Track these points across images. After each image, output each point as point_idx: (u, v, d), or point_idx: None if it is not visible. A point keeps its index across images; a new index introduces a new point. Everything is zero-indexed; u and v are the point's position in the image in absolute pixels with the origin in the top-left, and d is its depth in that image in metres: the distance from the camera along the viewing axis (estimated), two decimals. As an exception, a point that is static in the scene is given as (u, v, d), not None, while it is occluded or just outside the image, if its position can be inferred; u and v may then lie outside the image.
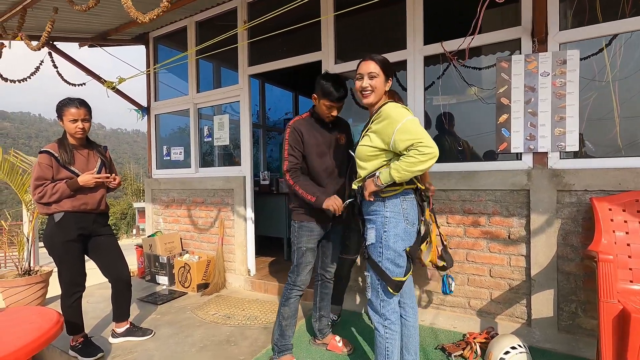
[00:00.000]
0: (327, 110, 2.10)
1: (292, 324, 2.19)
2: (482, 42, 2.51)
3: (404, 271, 1.68)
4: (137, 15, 1.97)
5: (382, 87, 1.72)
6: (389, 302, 1.70)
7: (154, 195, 4.50)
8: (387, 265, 1.66)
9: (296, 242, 2.17)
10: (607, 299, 1.64)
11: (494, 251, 2.48)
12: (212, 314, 3.02)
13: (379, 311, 1.71)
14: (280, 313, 2.18)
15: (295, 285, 2.16)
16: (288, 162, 2.10)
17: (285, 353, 2.17)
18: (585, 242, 2.19)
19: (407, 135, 1.56)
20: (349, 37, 3.21)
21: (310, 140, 2.12)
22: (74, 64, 3.90)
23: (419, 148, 1.52)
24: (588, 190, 2.19)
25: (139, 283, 4.01)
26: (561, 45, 2.31)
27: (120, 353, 2.40)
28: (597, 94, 2.28)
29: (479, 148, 2.70)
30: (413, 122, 1.59)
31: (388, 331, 1.70)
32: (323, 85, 2.06)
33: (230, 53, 3.53)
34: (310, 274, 2.19)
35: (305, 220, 2.15)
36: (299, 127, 2.13)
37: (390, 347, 1.70)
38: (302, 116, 2.22)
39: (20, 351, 1.54)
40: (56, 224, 2.27)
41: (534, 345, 2.30)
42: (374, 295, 1.72)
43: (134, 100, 4.44)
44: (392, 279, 1.65)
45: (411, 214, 1.69)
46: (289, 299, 2.17)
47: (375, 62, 1.71)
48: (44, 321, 1.79)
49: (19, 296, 3.17)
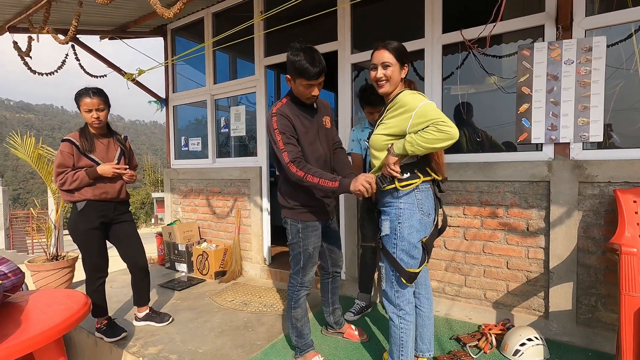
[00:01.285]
0: (306, 90, 1.84)
1: (306, 322, 2.09)
2: (503, 29, 2.45)
3: (419, 262, 1.67)
4: (163, 11, 2.01)
5: (398, 76, 1.68)
6: (403, 293, 1.70)
7: (172, 184, 4.61)
8: (401, 256, 1.65)
9: (302, 244, 1.98)
10: (629, 293, 1.61)
11: (511, 243, 2.45)
12: (229, 301, 3.10)
13: (394, 301, 1.72)
14: (292, 316, 2.05)
15: (302, 286, 2.04)
16: (287, 152, 1.81)
17: (309, 350, 2.08)
18: (607, 235, 2.14)
19: (424, 118, 1.53)
20: (366, 27, 3.18)
21: (298, 127, 1.89)
22: (96, 56, 4.00)
23: (437, 125, 1.49)
24: (612, 182, 2.13)
25: (159, 270, 4.14)
26: (587, 31, 2.23)
27: (143, 335, 2.50)
28: (623, 83, 2.20)
29: (498, 138, 2.65)
30: (430, 105, 1.56)
31: (402, 321, 1.70)
32: (295, 62, 1.77)
33: (246, 44, 3.55)
34: (315, 271, 2.09)
35: (310, 220, 1.98)
36: (285, 113, 1.87)
37: (404, 337, 1.70)
38: (282, 102, 1.94)
39: (51, 330, 1.63)
40: (79, 212, 2.36)
41: (551, 338, 2.28)
42: (389, 286, 1.72)
43: (153, 92, 4.53)
44: (405, 270, 1.64)
45: (426, 205, 1.67)
46: (299, 300, 2.04)
47: (388, 50, 1.66)
48: (73, 303, 1.89)
49: (48, 280, 3.33)
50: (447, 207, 2.64)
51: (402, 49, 1.70)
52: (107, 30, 4.15)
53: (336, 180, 1.74)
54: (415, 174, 1.64)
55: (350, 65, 3.11)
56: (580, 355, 2.10)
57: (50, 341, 1.63)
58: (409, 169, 1.63)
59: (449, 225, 2.65)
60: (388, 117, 1.68)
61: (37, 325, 1.64)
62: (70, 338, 2.67)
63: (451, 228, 2.66)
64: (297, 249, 2.00)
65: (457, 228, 2.64)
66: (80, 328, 2.59)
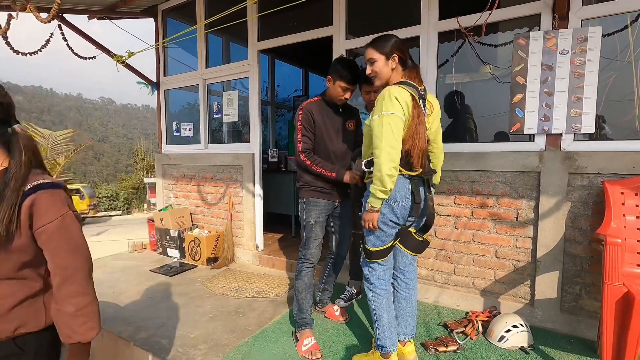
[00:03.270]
0: (342, 92, 2.15)
1: (308, 297, 2.23)
2: (499, 17, 2.42)
3: (383, 244, 1.78)
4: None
5: (386, 69, 1.75)
6: (374, 269, 1.84)
7: (164, 170, 4.56)
8: (367, 234, 1.81)
9: (305, 217, 2.23)
10: (612, 282, 1.65)
11: (500, 232, 2.49)
12: (221, 287, 3.12)
13: (366, 276, 1.88)
14: (295, 288, 2.25)
15: (306, 259, 2.22)
16: (302, 143, 2.15)
17: (305, 327, 2.19)
18: (594, 225, 2.18)
19: (373, 132, 1.65)
20: (361, 12, 3.12)
21: (320, 122, 2.18)
22: (84, 37, 3.89)
23: (374, 162, 1.64)
24: (601, 174, 2.16)
25: (151, 255, 4.14)
26: (583, 21, 2.21)
27: (135, 320, 2.51)
28: (617, 74, 2.20)
29: (491, 128, 2.65)
30: (382, 120, 1.60)
31: (374, 295, 1.83)
32: (340, 67, 2.11)
33: (239, 27, 3.46)
34: (320, 248, 2.25)
35: (313, 197, 2.22)
36: (311, 109, 2.17)
37: (377, 311, 1.82)
38: (314, 99, 2.25)
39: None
40: None
41: (536, 324, 2.33)
42: (364, 263, 1.89)
43: (143, 75, 4.42)
44: (366, 246, 1.81)
45: (393, 191, 1.70)
46: (301, 272, 2.23)
47: (370, 46, 1.76)
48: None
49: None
50: (439, 196, 2.66)
51: (382, 42, 1.73)
52: (95, 10, 4.02)
53: (334, 171, 2.12)
54: None
55: (345, 51, 3.06)
56: (563, 341, 2.16)
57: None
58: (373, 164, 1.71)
59: (440, 214, 2.67)
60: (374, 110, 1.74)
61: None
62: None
63: (442, 217, 2.68)
64: (302, 222, 2.26)
65: (448, 217, 2.66)
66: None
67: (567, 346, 2.11)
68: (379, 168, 1.59)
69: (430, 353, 2.04)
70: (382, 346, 1.80)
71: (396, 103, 1.61)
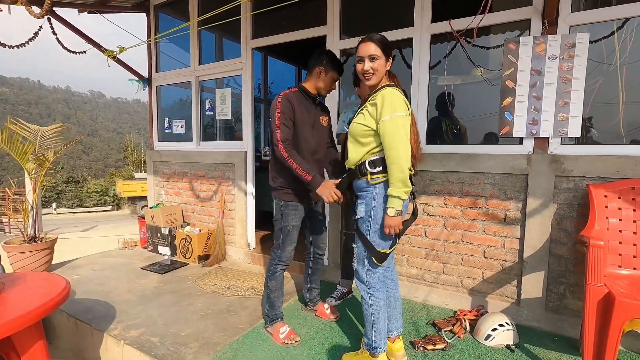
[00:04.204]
0: (331, 83, 2.17)
1: (280, 295, 2.28)
2: (491, 21, 2.45)
3: (390, 245, 1.76)
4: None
5: (384, 69, 1.73)
6: (374, 272, 1.79)
7: (155, 167, 4.53)
8: (374, 238, 1.74)
9: (282, 220, 2.19)
10: (594, 283, 1.70)
11: (489, 233, 2.54)
12: (212, 285, 3.12)
13: (365, 280, 1.81)
14: (268, 287, 2.26)
15: (280, 261, 2.23)
16: (281, 132, 2.02)
17: (277, 321, 2.27)
18: (578, 227, 2.24)
19: (386, 132, 1.61)
20: (355, 13, 3.13)
21: (298, 114, 2.12)
22: (74, 30, 3.82)
23: (391, 163, 1.61)
24: (586, 177, 2.21)
25: (141, 252, 4.11)
26: (571, 27, 2.26)
27: (125, 318, 2.50)
28: (603, 80, 2.26)
29: (481, 130, 2.69)
30: (396, 122, 1.60)
31: (373, 299, 1.79)
32: (331, 59, 2.13)
33: (233, 25, 3.44)
34: (294, 250, 2.27)
35: (292, 200, 2.18)
36: (291, 99, 2.10)
37: (375, 314, 1.79)
38: (292, 89, 2.19)
39: (30, 314, 1.62)
40: None
41: (522, 323, 2.39)
42: (360, 266, 1.82)
43: (135, 71, 4.37)
44: (377, 250, 1.73)
45: None
46: (275, 273, 2.24)
47: (375, 43, 1.69)
48: (52, 286, 1.87)
49: (26, 262, 3.26)
50: (429, 197, 2.70)
51: (387, 42, 1.73)
52: (86, 4, 3.95)
53: (310, 175, 1.96)
54: (386, 168, 1.67)
55: (338, 51, 3.07)
56: (547, 339, 2.23)
57: (28, 325, 1.62)
58: (381, 164, 1.69)
59: (430, 214, 2.71)
60: (367, 108, 1.73)
61: (15, 309, 1.62)
62: (50, 321, 2.66)
63: (432, 217, 2.72)
64: (279, 225, 2.22)
65: (438, 217, 2.70)
66: (60, 311, 2.57)
67: (551, 344, 2.17)
68: (401, 169, 1.58)
69: (418, 351, 2.08)
70: (376, 347, 1.81)
71: (404, 105, 1.65)
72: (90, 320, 2.46)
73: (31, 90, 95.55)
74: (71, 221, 14.03)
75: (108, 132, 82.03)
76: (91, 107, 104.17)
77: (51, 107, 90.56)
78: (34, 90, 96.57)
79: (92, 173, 35.57)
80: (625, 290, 1.75)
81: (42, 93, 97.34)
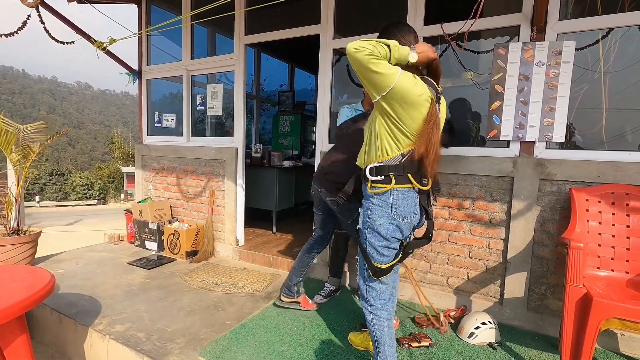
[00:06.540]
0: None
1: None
2: (482, 26, 2.50)
3: (388, 260, 1.61)
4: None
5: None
6: (374, 288, 1.66)
7: (144, 161, 4.47)
8: (370, 251, 1.61)
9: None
10: (574, 283, 1.76)
11: (475, 234, 2.59)
12: (200, 281, 3.11)
13: (365, 296, 1.69)
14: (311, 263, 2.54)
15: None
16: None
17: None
18: (560, 229, 2.30)
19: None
20: (349, 12, 3.14)
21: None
22: (63, 20, 3.73)
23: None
24: (569, 181, 2.28)
25: (128, 247, 4.07)
26: (559, 35, 2.32)
27: (110, 313, 2.48)
28: (587, 87, 2.33)
29: (469, 133, 2.74)
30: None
31: (374, 317, 1.66)
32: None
33: (226, 20, 3.43)
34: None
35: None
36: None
37: (378, 334, 1.66)
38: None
39: (13, 307, 1.60)
40: None
41: (504, 322, 2.46)
42: (361, 280, 1.71)
43: (125, 63, 4.30)
44: (372, 263, 1.61)
45: (402, 206, 1.55)
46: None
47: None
48: (36, 280, 1.84)
49: (8, 255, 3.19)
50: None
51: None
52: (76, -7, 3.88)
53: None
54: (389, 178, 1.54)
55: (331, 50, 3.09)
56: (528, 338, 2.29)
57: (11, 319, 1.59)
58: (384, 172, 1.54)
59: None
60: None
61: (-2, 302, 1.60)
62: (33, 315, 2.61)
63: (420, 217, 2.76)
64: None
65: (426, 217, 2.75)
66: (44, 305, 2.53)
67: (531, 342, 2.24)
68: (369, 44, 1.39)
69: (403, 348, 2.12)
70: None
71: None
72: (74, 314, 2.43)
73: (15, 79, 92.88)
74: (55, 214, 13.73)
75: (95, 125, 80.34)
76: (78, 98, 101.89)
77: (36, 97, 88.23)
78: (17, 80, 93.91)
79: (78, 166, 34.80)
80: (602, 291, 1.81)
81: (26, 82, 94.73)
